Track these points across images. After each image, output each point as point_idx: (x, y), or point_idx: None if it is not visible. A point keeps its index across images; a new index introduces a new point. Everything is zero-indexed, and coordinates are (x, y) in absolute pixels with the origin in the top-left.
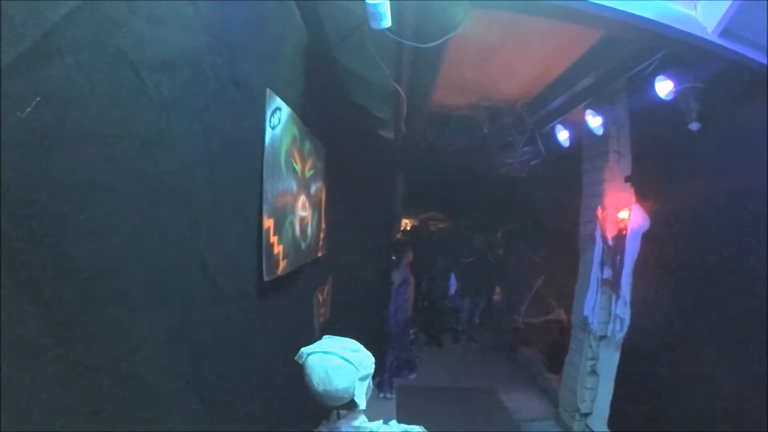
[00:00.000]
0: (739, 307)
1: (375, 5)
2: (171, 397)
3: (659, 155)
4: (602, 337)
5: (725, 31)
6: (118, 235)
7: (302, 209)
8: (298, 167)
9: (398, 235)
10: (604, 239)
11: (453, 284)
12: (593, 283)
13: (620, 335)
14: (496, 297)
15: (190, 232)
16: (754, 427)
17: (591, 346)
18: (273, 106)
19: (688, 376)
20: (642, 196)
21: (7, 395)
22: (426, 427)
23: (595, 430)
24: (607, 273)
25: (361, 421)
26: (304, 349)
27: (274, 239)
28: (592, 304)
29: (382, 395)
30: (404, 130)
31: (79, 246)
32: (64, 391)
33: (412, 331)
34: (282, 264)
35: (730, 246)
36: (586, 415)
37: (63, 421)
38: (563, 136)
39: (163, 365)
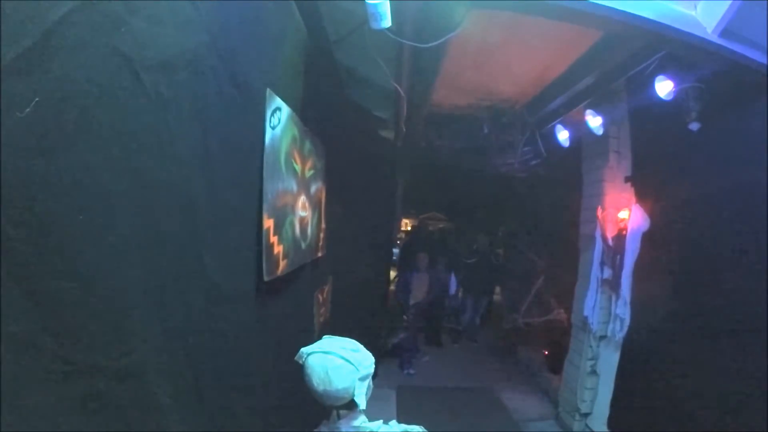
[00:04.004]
0: (739, 306)
1: (375, 5)
2: (170, 397)
3: (659, 155)
4: (602, 337)
5: (725, 31)
6: (117, 235)
7: (302, 209)
8: (298, 167)
9: (403, 237)
10: (604, 239)
11: (453, 284)
12: (593, 283)
13: (620, 335)
14: (496, 297)
15: (189, 232)
16: (754, 427)
17: (591, 346)
18: (273, 106)
19: (688, 375)
20: (642, 196)
21: (7, 395)
22: (426, 427)
23: (595, 430)
24: (607, 273)
25: (361, 421)
26: (304, 349)
27: (274, 239)
28: (592, 304)
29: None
30: (404, 130)
31: (78, 246)
32: (63, 391)
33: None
34: (282, 264)
35: (730, 246)
36: (586, 415)
37: (63, 421)
38: (563, 136)
39: (162, 365)
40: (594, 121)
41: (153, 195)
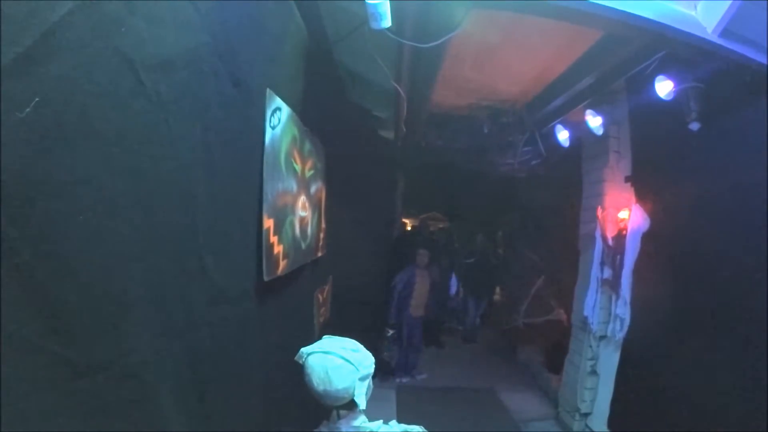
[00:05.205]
0: (739, 306)
1: (375, 5)
2: (170, 397)
3: (659, 155)
4: (602, 337)
5: (725, 31)
6: (117, 235)
7: (302, 209)
8: (298, 167)
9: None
10: (604, 239)
11: (453, 284)
12: (593, 283)
13: (620, 335)
14: (496, 297)
15: (189, 232)
16: (754, 427)
17: (591, 346)
18: (273, 106)
19: (688, 375)
20: (642, 196)
21: (7, 395)
22: (426, 427)
23: (595, 430)
24: (607, 273)
25: (361, 421)
26: (304, 349)
27: (274, 239)
28: (592, 304)
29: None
30: (404, 130)
31: (78, 246)
32: (63, 391)
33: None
34: (282, 264)
35: (730, 246)
36: (586, 415)
37: (63, 421)
38: (563, 136)
39: (162, 365)
40: (594, 121)
41: (153, 195)
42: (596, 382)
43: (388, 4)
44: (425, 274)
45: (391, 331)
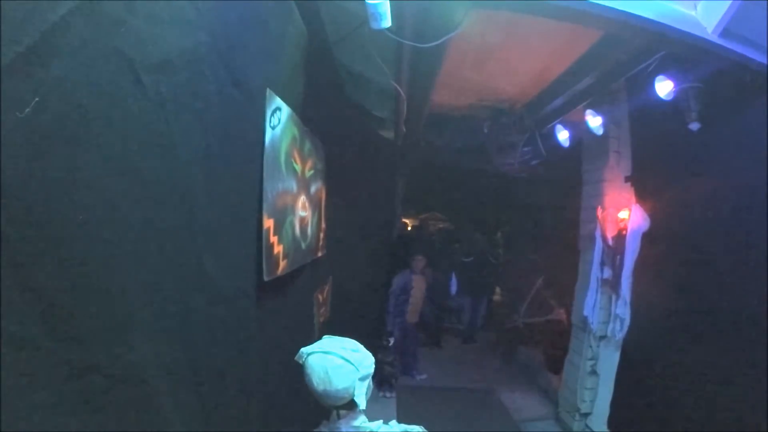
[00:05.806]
0: (739, 307)
1: (375, 5)
2: (170, 397)
3: (659, 155)
4: (602, 337)
5: (725, 31)
6: (117, 235)
7: (302, 209)
8: (298, 167)
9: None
10: (604, 239)
11: (454, 284)
12: (593, 283)
13: (620, 335)
14: (496, 297)
15: (189, 232)
16: (754, 427)
17: (591, 346)
18: (273, 106)
19: (688, 376)
20: (642, 196)
21: (7, 395)
22: (426, 427)
23: (595, 430)
24: (607, 273)
25: (361, 421)
26: (304, 349)
27: (274, 239)
28: (592, 304)
29: (381, 394)
30: (404, 130)
31: (78, 246)
32: (63, 391)
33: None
34: (282, 264)
35: (730, 246)
36: (586, 415)
37: (62, 421)
38: (563, 136)
39: (162, 365)
40: (594, 121)
41: (153, 195)
42: (596, 382)
43: (388, 4)
44: (421, 279)
45: (391, 340)
